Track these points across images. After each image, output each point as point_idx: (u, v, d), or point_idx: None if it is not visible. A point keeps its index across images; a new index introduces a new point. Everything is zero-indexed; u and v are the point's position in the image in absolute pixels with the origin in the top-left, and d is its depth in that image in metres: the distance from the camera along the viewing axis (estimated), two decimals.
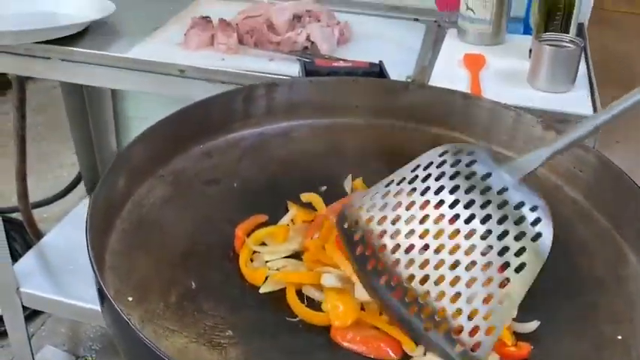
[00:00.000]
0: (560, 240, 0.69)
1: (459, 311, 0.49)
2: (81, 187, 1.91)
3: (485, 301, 0.49)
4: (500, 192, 0.52)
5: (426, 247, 0.52)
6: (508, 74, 1.05)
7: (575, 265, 0.65)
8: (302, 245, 0.65)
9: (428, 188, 0.54)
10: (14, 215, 1.83)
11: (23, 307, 1.45)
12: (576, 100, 0.95)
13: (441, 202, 0.53)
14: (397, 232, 0.53)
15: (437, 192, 0.53)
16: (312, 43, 1.11)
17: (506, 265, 0.50)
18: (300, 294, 0.59)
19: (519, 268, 0.50)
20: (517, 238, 0.50)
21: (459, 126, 0.81)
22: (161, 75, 1.07)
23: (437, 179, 0.54)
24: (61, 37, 1.12)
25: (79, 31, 1.16)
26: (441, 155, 0.55)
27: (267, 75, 1.04)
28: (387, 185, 0.56)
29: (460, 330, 0.49)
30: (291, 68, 1.05)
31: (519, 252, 0.50)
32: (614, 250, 0.66)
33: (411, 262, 0.52)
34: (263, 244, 0.66)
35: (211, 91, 1.04)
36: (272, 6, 1.18)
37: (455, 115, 0.81)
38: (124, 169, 0.66)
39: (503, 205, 0.52)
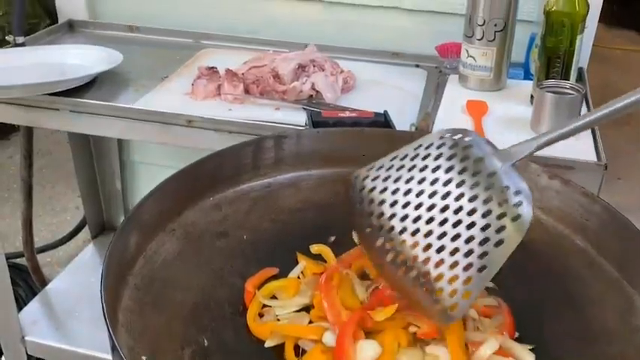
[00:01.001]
0: (570, 290, 0.70)
1: (440, 275, 0.55)
2: (85, 230, 1.91)
3: (465, 268, 0.55)
4: (489, 175, 0.58)
5: (418, 217, 0.58)
6: (511, 120, 1.06)
7: (585, 315, 0.66)
8: (312, 299, 0.65)
9: (426, 167, 0.60)
10: (18, 260, 1.83)
11: (28, 355, 1.44)
12: (580, 146, 0.96)
13: (436, 180, 0.59)
14: (395, 203, 0.60)
15: (434, 170, 0.60)
16: (317, 91, 1.13)
17: (486, 240, 0.55)
18: None
19: (498, 244, 0.55)
20: (499, 217, 0.56)
21: None
22: (169, 125, 1.08)
23: (435, 159, 0.60)
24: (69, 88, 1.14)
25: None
26: (441, 138, 0.61)
27: (274, 124, 1.05)
28: (392, 160, 0.63)
29: (441, 291, 0.55)
30: (297, 117, 1.06)
31: (499, 229, 0.55)
32: (624, 299, 0.66)
33: (404, 229, 0.58)
34: (274, 297, 0.67)
35: (219, 141, 1.07)
36: (277, 56, 1.20)
37: None
38: (135, 226, 0.67)
39: (490, 187, 0.57)
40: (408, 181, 0.60)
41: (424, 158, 0.61)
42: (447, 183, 0.58)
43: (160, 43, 1.46)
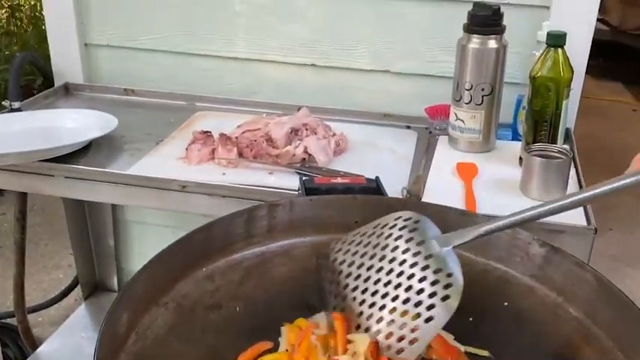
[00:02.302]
0: (563, 358, 0.69)
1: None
2: (78, 289, 1.90)
3: (399, 340, 0.63)
4: (426, 257, 0.65)
5: (365, 290, 0.66)
6: (501, 183, 1.08)
7: None
8: None
9: (386, 245, 0.68)
10: (9, 320, 1.80)
11: None
12: None
13: (384, 257, 0.67)
14: (350, 274, 0.69)
15: (389, 249, 0.67)
16: (310, 155, 1.15)
17: (418, 315, 0.62)
18: None
19: (428, 320, 0.62)
20: (430, 295, 0.63)
21: None
22: (163, 190, 1.09)
23: (387, 237, 0.68)
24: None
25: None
26: (395, 219, 0.70)
27: (268, 189, 1.06)
28: (358, 235, 0.72)
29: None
30: (290, 181, 1.08)
31: (429, 307, 0.62)
32: None
33: (354, 298, 0.67)
34: None
35: (213, 205, 1.08)
36: (271, 120, 1.23)
37: (452, 231, 0.83)
38: (128, 301, 0.66)
39: (425, 268, 0.64)
40: (370, 257, 0.68)
41: (386, 237, 0.68)
42: (391, 261, 0.66)
43: (155, 105, 1.49)
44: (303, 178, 0.96)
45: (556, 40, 1.06)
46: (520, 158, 1.13)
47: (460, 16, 1.17)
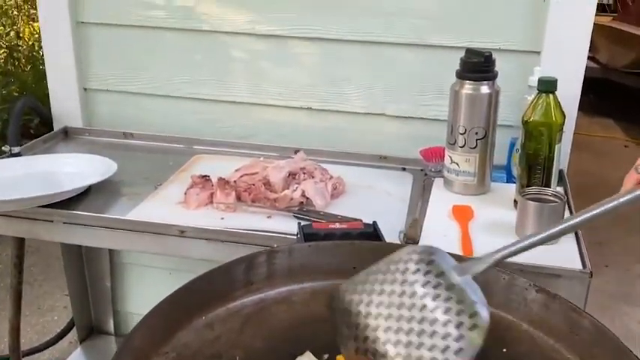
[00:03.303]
0: None
1: None
2: (73, 331, 1.88)
3: None
4: (448, 287, 0.63)
5: (388, 328, 0.63)
6: (496, 226, 1.09)
7: None
8: None
9: (405, 280, 0.65)
10: None
11: None
12: (564, 252, 0.98)
13: (404, 292, 0.65)
14: (369, 314, 0.65)
15: (408, 284, 0.65)
16: (308, 198, 1.16)
17: (447, 348, 0.60)
18: None
19: (458, 351, 0.59)
20: (457, 326, 0.61)
21: None
22: (161, 236, 1.10)
23: (403, 272, 0.66)
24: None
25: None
26: (408, 253, 0.67)
27: (266, 233, 1.07)
28: (368, 275, 0.69)
29: None
30: (288, 225, 1.09)
31: (458, 338, 0.60)
32: None
33: (376, 338, 0.64)
34: None
35: (211, 250, 1.08)
36: (269, 164, 1.24)
37: None
38: (129, 353, 0.67)
39: (448, 298, 0.62)
40: (388, 294, 0.66)
41: (402, 272, 0.66)
42: (412, 295, 0.64)
43: (154, 148, 1.51)
44: (302, 223, 0.97)
45: (547, 86, 1.09)
46: (515, 201, 1.14)
47: (452, 60, 1.20)
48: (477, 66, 1.16)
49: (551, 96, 1.09)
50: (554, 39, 1.30)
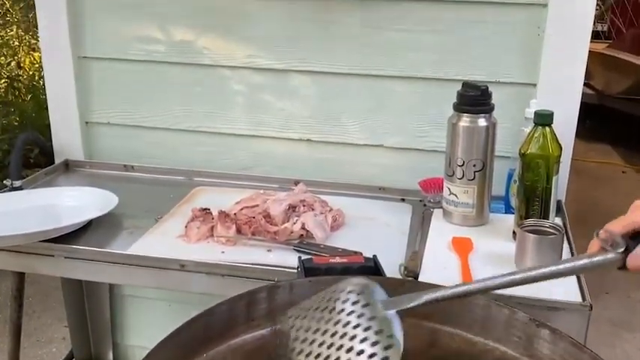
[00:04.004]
0: None
1: None
2: None
3: None
4: (370, 319, 0.66)
5: (318, 355, 0.65)
6: (496, 257, 1.10)
7: None
8: None
9: (343, 309, 0.68)
10: None
11: None
12: (564, 284, 0.98)
13: (329, 320, 0.67)
14: (304, 339, 0.68)
15: (339, 312, 0.68)
16: (308, 231, 1.17)
17: None
18: None
19: None
20: (370, 356, 0.63)
21: (455, 321, 0.84)
22: (162, 270, 1.10)
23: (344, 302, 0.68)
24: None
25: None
26: (348, 284, 0.71)
27: (266, 267, 1.07)
28: (312, 300, 0.72)
29: None
30: (289, 259, 1.09)
31: None
32: None
33: None
34: None
35: (212, 284, 1.08)
36: (269, 196, 1.25)
37: (451, 311, 0.84)
38: None
39: (367, 329, 0.65)
40: (317, 320, 0.69)
41: (335, 301, 0.69)
42: (336, 323, 0.67)
43: (155, 181, 1.52)
44: (302, 257, 0.97)
45: (543, 119, 1.10)
46: (514, 232, 1.15)
47: (449, 93, 1.22)
48: (474, 99, 1.17)
49: (547, 129, 1.11)
50: (549, 71, 1.32)
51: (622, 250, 0.65)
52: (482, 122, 1.18)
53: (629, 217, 0.68)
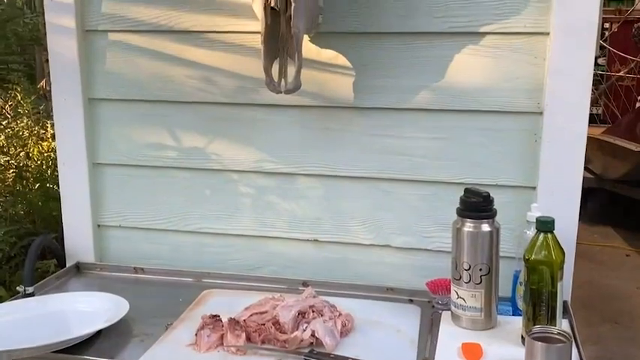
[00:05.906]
0: None
1: None
2: None
3: None
4: None
5: None
6: None
7: None
8: None
9: None
10: None
11: None
12: None
13: None
14: None
15: None
16: (317, 338, 1.17)
17: None
18: None
19: None
20: None
21: None
22: None
23: None
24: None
25: None
26: None
27: None
28: None
29: None
30: None
31: None
32: None
33: None
34: None
35: None
36: (278, 302, 1.26)
37: None
38: None
39: None
40: None
41: None
42: None
43: (164, 283, 1.54)
44: None
45: (545, 226, 1.14)
46: (522, 337, 1.15)
47: (451, 195, 1.26)
48: (477, 205, 1.21)
49: (549, 235, 1.14)
50: (548, 175, 1.36)
51: None
52: (485, 227, 1.21)
53: None
